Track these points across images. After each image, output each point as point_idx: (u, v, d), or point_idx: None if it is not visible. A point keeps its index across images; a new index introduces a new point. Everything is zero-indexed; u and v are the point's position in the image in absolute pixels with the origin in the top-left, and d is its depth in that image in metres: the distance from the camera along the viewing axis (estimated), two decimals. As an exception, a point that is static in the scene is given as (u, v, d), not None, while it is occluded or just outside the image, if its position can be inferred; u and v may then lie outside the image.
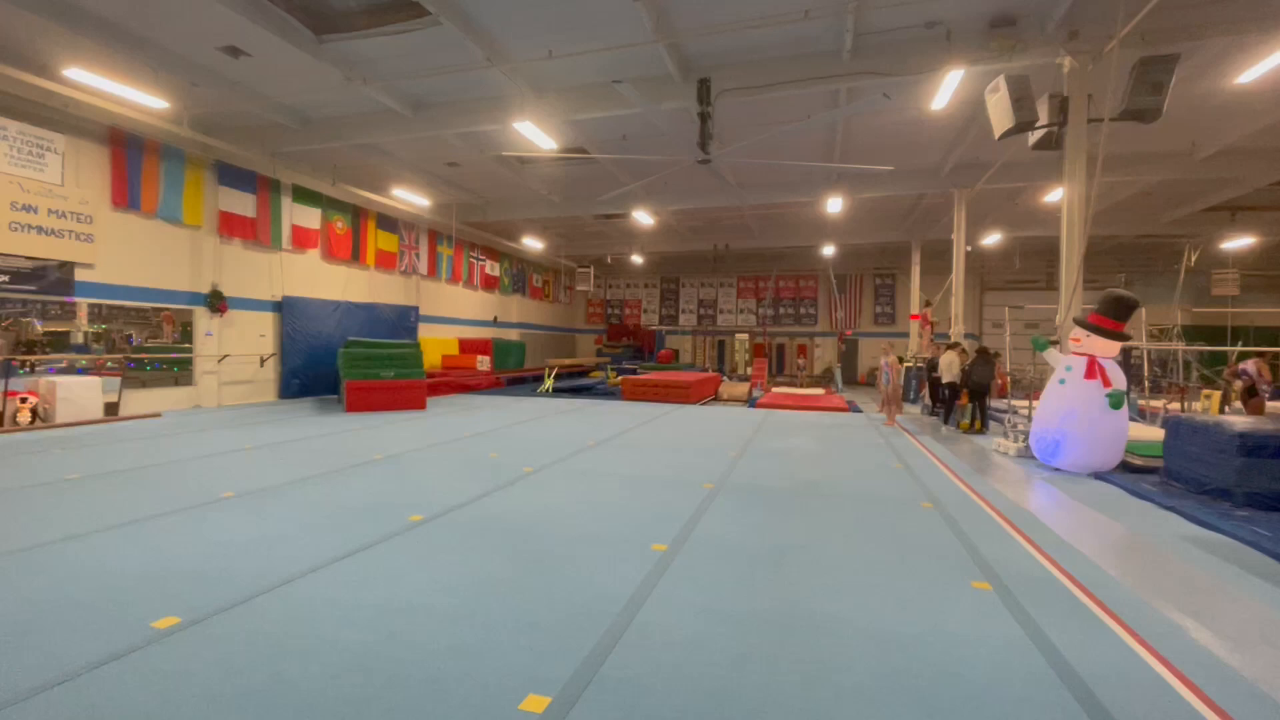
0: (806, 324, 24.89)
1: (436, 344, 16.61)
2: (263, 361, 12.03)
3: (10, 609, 2.76)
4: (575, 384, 16.62)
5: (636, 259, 23.26)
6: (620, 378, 15.71)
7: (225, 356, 11.22)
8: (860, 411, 12.42)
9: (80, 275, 9.10)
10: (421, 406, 11.06)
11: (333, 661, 2.37)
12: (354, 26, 7.56)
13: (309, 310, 12.81)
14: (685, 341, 26.45)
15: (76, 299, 9.08)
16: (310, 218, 12.99)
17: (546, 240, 21.00)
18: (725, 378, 20.06)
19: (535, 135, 9.84)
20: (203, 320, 10.91)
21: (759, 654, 2.51)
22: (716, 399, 15.12)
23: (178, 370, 10.56)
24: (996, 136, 7.37)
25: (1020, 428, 7.53)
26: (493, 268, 20.45)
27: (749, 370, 22.68)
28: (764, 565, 3.54)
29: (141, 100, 8.66)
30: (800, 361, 24.04)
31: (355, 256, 14.34)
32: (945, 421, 10.05)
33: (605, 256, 22.83)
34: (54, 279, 8.79)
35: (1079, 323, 6.70)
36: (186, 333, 10.69)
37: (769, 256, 23.71)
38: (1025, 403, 8.56)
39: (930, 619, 2.86)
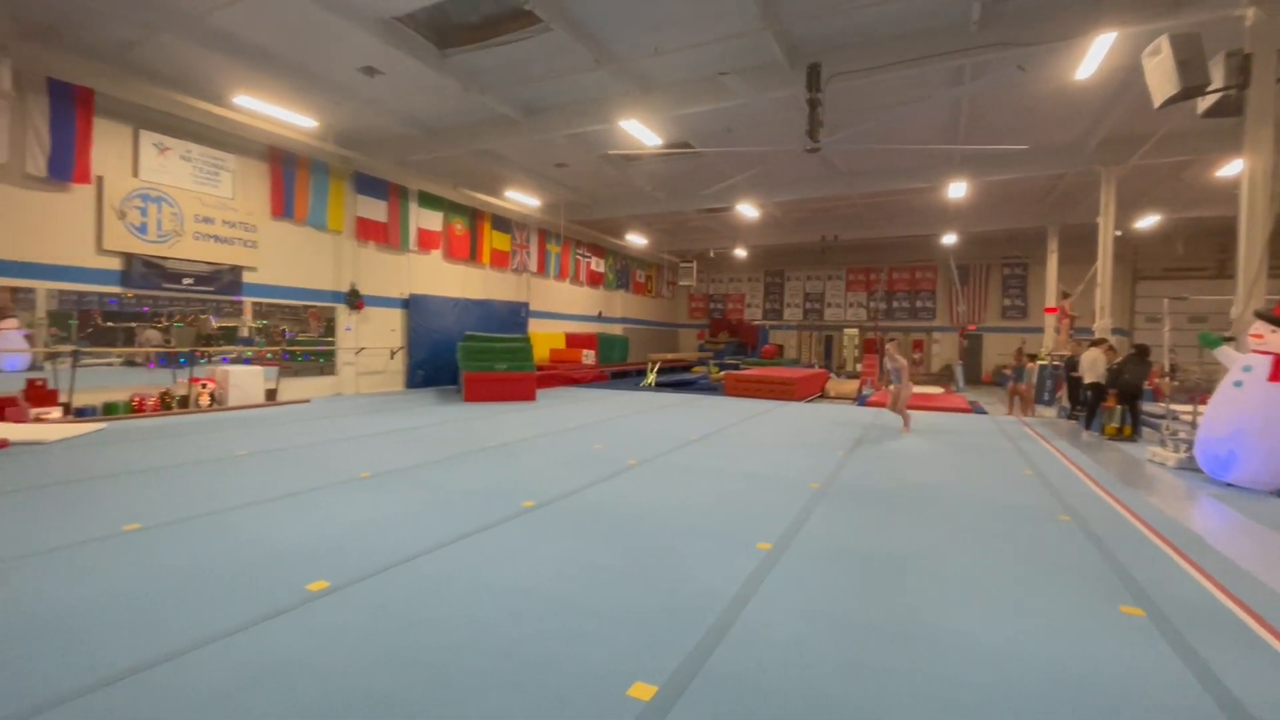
0: (923, 318, 23.36)
1: (545, 338, 17.32)
2: (392, 354, 13.15)
3: (196, 567, 3.22)
4: (677, 379, 16.70)
5: (740, 252, 22.95)
6: (723, 373, 15.59)
7: (361, 349, 12.38)
8: (985, 413, 11.49)
9: (247, 277, 10.39)
10: (531, 398, 11.59)
11: (457, 634, 2.56)
12: (473, 39, 8.02)
13: (432, 307, 13.83)
14: (790, 337, 25.74)
15: (243, 298, 10.39)
16: (433, 221, 13.99)
17: (650, 236, 21.25)
18: (833, 374, 19.32)
19: (640, 132, 9.97)
20: (343, 316, 12.09)
21: (871, 663, 2.40)
22: (823, 396, 14.60)
23: (322, 361, 11.80)
24: (1156, 105, 6.48)
25: (1182, 436, 6.64)
26: (598, 264, 21.00)
27: (858, 367, 21.67)
28: (877, 572, 3.38)
29: (295, 120, 9.73)
30: (916, 356, 22.61)
31: (472, 256, 15.27)
32: (1087, 426, 9.06)
33: (708, 251, 22.71)
34: (227, 281, 10.11)
35: (1261, 316, 5.77)
36: (329, 328, 11.90)
37: (881, 246, 22.49)
38: (1188, 408, 7.52)
39: (1070, 643, 2.60)
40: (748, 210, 16.15)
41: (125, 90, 8.48)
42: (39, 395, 7.75)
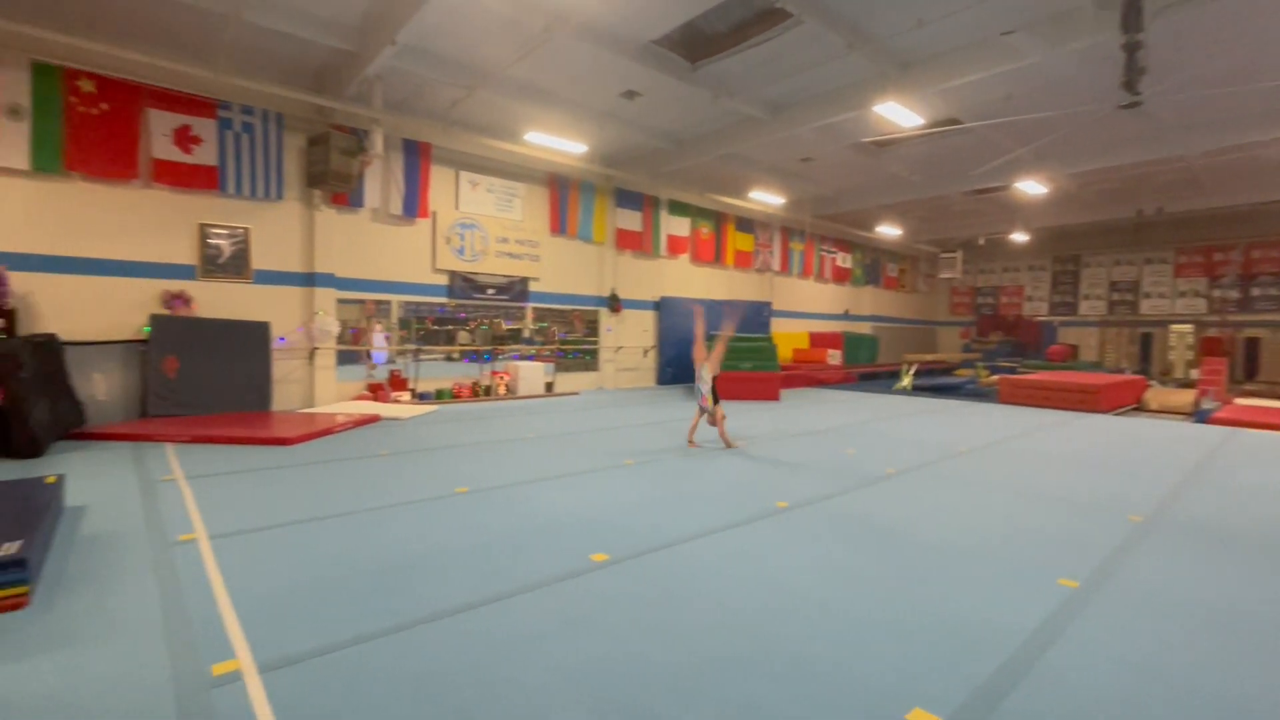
0: (1303, 308, 17.36)
1: (787, 337, 17.05)
2: (645, 353, 14.23)
3: (505, 527, 3.89)
4: (936, 382, 15.04)
5: (1018, 237, 19.69)
6: (996, 377, 13.59)
7: (619, 348, 13.64)
8: None
9: (532, 286, 12.21)
10: (776, 397, 11.51)
11: (717, 619, 2.66)
12: (722, 47, 8.26)
13: (679, 308, 14.61)
14: (1087, 335, 21.28)
15: (528, 304, 12.22)
16: (681, 226, 14.77)
17: (904, 226, 19.47)
18: (1153, 382, 15.48)
19: (898, 114, 9.20)
20: (604, 318, 13.46)
21: (1245, 753, 1.86)
22: (1139, 408, 11.80)
23: (588, 359, 13.28)
24: None
25: None
26: (844, 259, 19.96)
27: (1193, 373, 16.98)
28: (1238, 632, 2.62)
29: (570, 148, 11.12)
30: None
31: (717, 258, 15.74)
32: None
33: (977, 238, 19.96)
34: (517, 290, 12.01)
35: None
36: (591, 329, 13.34)
37: (1229, 218, 17.29)
38: None
39: None
40: (1032, 187, 13.79)
41: (451, 140, 10.60)
42: (396, 383, 10.14)
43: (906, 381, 14.54)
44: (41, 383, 6.08)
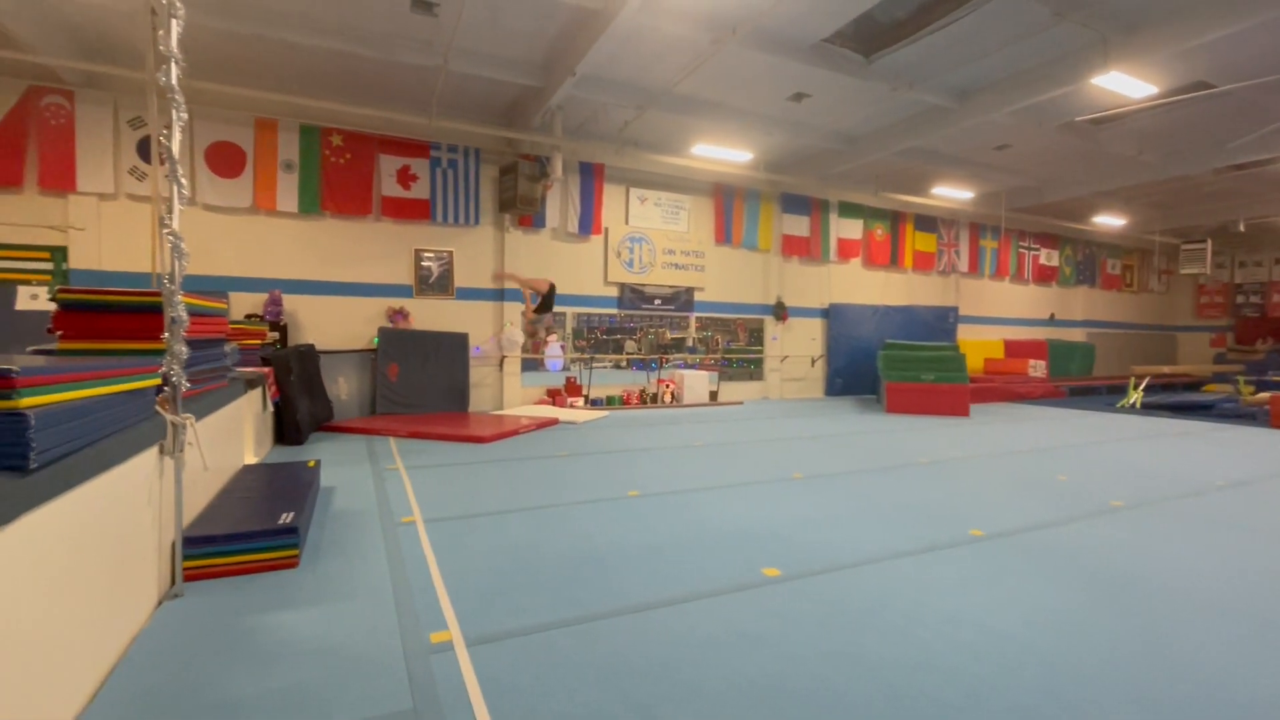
0: None
1: (977, 346, 15.34)
2: (813, 362, 13.68)
3: (675, 534, 3.96)
4: (1176, 399, 12.52)
5: (1297, 220, 15.75)
6: (1266, 394, 10.96)
7: (785, 357, 13.28)
8: None
9: (697, 296, 12.37)
10: (964, 413, 10.40)
11: (908, 654, 2.45)
12: (901, 36, 7.71)
13: (850, 315, 13.85)
14: None
15: (693, 314, 12.39)
16: (853, 229, 14.01)
17: (1130, 214, 16.54)
18: None
19: (1122, 85, 7.88)
20: (769, 327, 13.19)
21: None
22: None
23: (752, 368, 13.11)
24: None
25: None
26: (1048, 257, 17.49)
27: None
28: None
29: (735, 157, 11.12)
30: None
31: (893, 261, 14.67)
32: None
33: (1234, 224, 16.31)
34: (683, 300, 12.24)
35: None
36: (755, 337, 13.14)
37: None
38: None
39: None
40: (1318, 156, 10.96)
41: (622, 159, 11.15)
42: (572, 388, 10.86)
43: (1134, 398, 12.30)
44: (304, 384, 7.48)
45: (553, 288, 9.33)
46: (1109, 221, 16.43)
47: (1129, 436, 8.42)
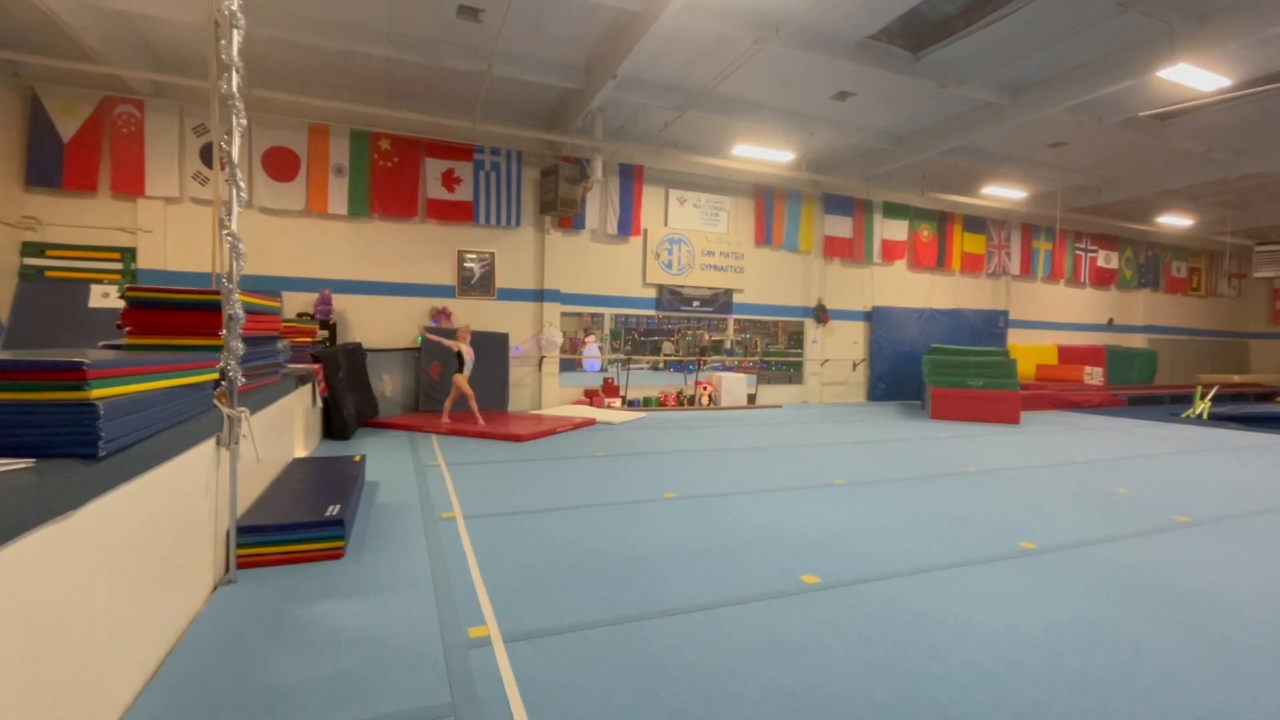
0: None
1: (1029, 351, 14.76)
2: (854, 366, 13.39)
3: (712, 538, 3.92)
4: (1248, 410, 11.77)
5: (1387, 220, 14.64)
6: (1348, 406, 10.22)
7: (826, 361, 13.03)
8: None
9: (736, 298, 12.26)
10: (1015, 420, 10.01)
11: (955, 671, 2.37)
12: (950, 31, 7.48)
13: (894, 318, 13.50)
14: None
15: (731, 316, 12.28)
16: (898, 230, 13.66)
17: (1198, 214, 15.66)
18: None
19: (1192, 78, 7.47)
20: (810, 330, 12.97)
21: None
22: None
23: (791, 371, 12.91)
24: None
25: None
26: (1107, 259, 16.71)
27: None
28: None
29: (776, 158, 10.97)
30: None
31: (940, 263, 14.24)
32: None
33: (1313, 223, 15.29)
34: (721, 302, 12.15)
35: None
36: (795, 340, 12.94)
37: None
38: None
39: None
40: None
41: (661, 161, 11.14)
42: (609, 389, 10.89)
43: (1201, 408, 11.63)
44: (351, 381, 7.71)
45: (463, 355, 7.88)
46: (1174, 222, 15.60)
47: (1195, 449, 7.96)
